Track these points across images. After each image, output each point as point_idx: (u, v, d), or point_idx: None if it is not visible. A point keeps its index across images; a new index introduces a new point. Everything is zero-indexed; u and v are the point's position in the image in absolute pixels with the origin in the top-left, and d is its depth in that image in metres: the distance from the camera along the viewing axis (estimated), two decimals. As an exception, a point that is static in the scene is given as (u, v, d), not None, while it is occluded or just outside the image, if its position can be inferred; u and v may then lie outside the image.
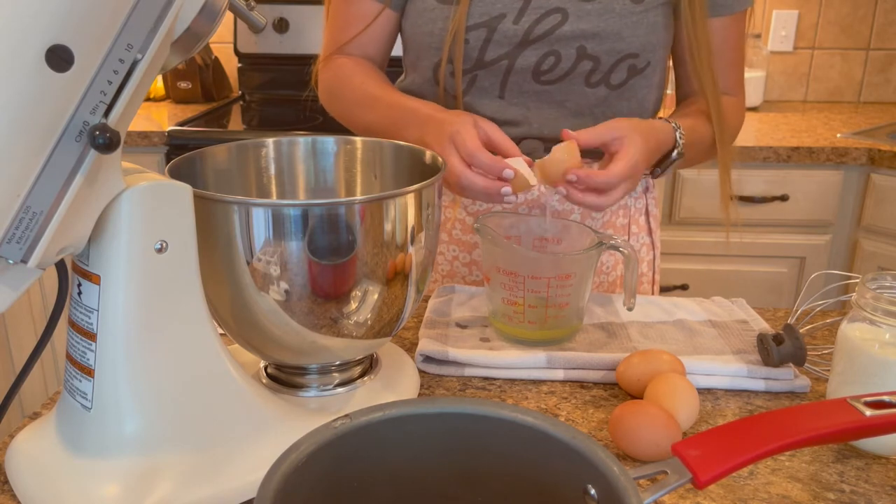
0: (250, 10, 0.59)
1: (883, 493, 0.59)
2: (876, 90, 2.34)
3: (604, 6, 0.88)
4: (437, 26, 0.91)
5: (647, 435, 0.60)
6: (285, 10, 2.18)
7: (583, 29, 0.88)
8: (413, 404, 0.46)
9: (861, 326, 0.65)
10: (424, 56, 0.94)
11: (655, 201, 1.07)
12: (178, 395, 0.55)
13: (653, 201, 1.06)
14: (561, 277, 0.76)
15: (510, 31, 0.89)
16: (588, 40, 0.88)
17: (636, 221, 1.04)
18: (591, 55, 0.89)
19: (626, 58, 0.90)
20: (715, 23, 0.92)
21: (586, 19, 0.88)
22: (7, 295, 0.48)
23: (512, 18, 0.89)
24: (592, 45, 0.89)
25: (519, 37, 0.89)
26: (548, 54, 0.90)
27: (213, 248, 0.58)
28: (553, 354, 0.75)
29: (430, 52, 0.93)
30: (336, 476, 0.44)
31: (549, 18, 0.88)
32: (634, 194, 1.03)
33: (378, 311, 0.62)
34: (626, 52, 0.89)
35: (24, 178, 0.44)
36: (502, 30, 0.89)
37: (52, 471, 0.55)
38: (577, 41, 0.89)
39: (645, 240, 1.05)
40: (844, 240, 1.88)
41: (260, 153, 0.74)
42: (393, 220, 0.59)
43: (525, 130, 0.94)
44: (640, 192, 1.04)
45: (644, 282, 1.06)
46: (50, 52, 0.43)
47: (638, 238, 1.04)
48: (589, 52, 0.89)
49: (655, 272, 1.08)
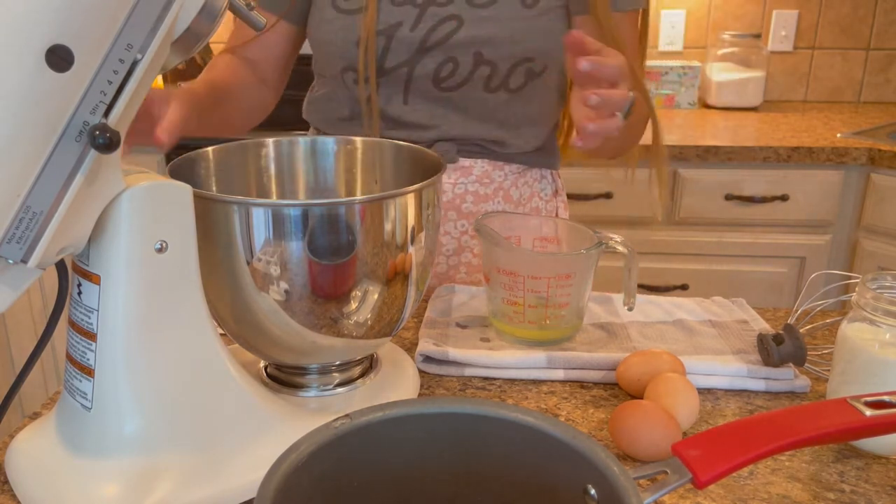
0: (250, 10, 0.59)
1: (883, 493, 0.59)
2: (876, 90, 2.34)
3: (496, 12, 0.89)
4: (339, 36, 0.92)
5: (647, 435, 0.60)
6: (285, 10, 2.18)
7: (477, 35, 0.89)
8: (413, 404, 0.46)
9: (861, 326, 0.65)
10: (329, 64, 0.96)
11: (565, 204, 1.09)
12: (178, 395, 0.55)
13: (562, 204, 1.08)
14: (561, 277, 0.76)
15: (407, 38, 0.90)
16: (483, 46, 0.89)
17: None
18: (488, 60, 0.90)
19: (522, 62, 0.91)
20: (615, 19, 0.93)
21: (480, 25, 0.89)
22: (7, 295, 0.48)
23: (409, 26, 0.90)
24: (488, 50, 0.89)
25: (416, 44, 0.90)
26: (446, 61, 0.91)
27: (213, 248, 0.58)
28: (553, 354, 0.75)
29: (334, 60, 0.94)
30: (336, 476, 0.44)
31: (444, 25, 0.89)
32: (545, 196, 1.04)
33: (378, 311, 0.62)
34: (521, 57, 0.90)
35: (24, 178, 0.44)
36: (399, 37, 0.90)
37: (52, 471, 0.55)
38: (473, 47, 0.90)
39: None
40: (844, 240, 1.88)
41: (260, 153, 0.74)
42: (393, 220, 0.59)
43: (435, 134, 0.95)
44: (550, 194, 1.05)
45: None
46: (50, 52, 0.43)
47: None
48: (485, 57, 0.90)
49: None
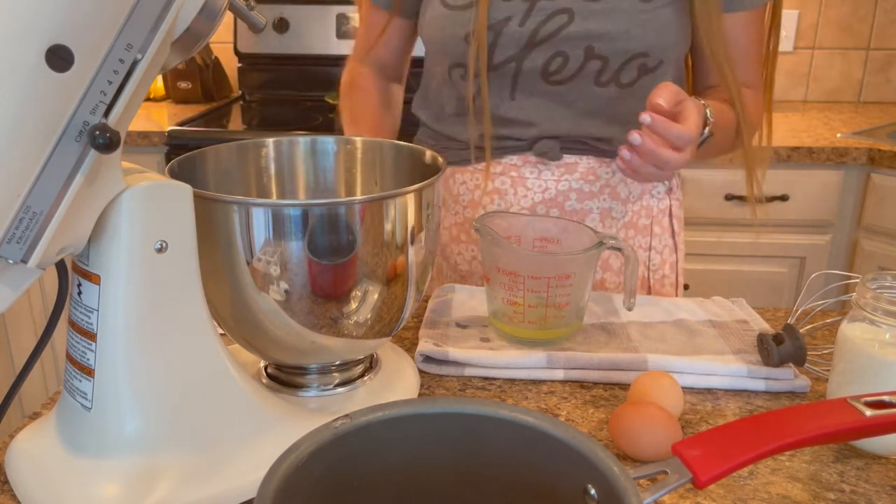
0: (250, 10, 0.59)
1: (883, 493, 0.59)
2: (876, 90, 2.34)
3: (611, 5, 0.88)
4: (447, 32, 0.92)
5: (647, 435, 0.60)
6: (285, 10, 2.18)
7: (589, 29, 0.88)
8: (413, 404, 0.46)
9: (861, 326, 0.65)
10: (438, 60, 0.97)
11: (679, 203, 1.06)
12: (178, 395, 0.55)
13: (676, 203, 1.05)
14: (561, 277, 0.76)
15: (516, 33, 0.89)
16: (595, 40, 0.88)
17: (659, 223, 1.02)
18: (599, 55, 0.89)
19: (636, 57, 0.89)
20: (731, 18, 0.92)
21: (593, 19, 0.88)
22: (7, 295, 0.48)
23: (518, 20, 0.89)
24: (600, 45, 0.88)
25: (525, 38, 0.89)
26: (555, 55, 0.90)
27: (213, 248, 0.58)
28: (553, 354, 0.75)
29: (442, 57, 0.95)
30: (336, 476, 0.44)
31: (555, 19, 0.88)
32: (658, 194, 1.02)
33: (378, 311, 0.62)
34: (635, 52, 0.89)
35: (24, 178, 0.44)
36: (508, 32, 0.89)
37: (52, 471, 0.55)
38: (585, 41, 0.88)
39: (668, 242, 1.03)
40: (844, 240, 1.88)
41: (260, 153, 0.74)
42: (393, 220, 0.59)
43: (539, 131, 0.94)
44: (663, 192, 1.02)
45: (666, 284, 1.04)
46: (50, 52, 0.43)
47: (660, 239, 1.02)
48: (597, 52, 0.89)
49: (679, 275, 1.06)
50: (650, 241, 1.02)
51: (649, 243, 1.02)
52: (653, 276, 1.03)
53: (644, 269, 1.02)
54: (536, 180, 0.96)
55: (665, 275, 1.04)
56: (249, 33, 2.21)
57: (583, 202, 0.96)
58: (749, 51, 0.95)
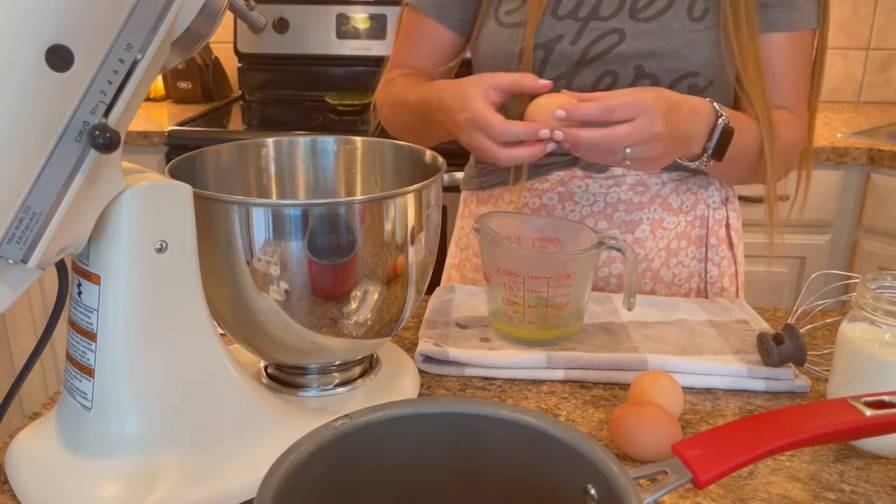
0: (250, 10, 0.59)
1: (883, 493, 0.59)
2: (876, 90, 2.34)
3: (662, 25, 0.87)
4: (499, 49, 0.91)
5: (648, 435, 0.60)
6: (285, 10, 2.18)
7: (640, 48, 0.87)
8: (413, 404, 0.46)
9: (861, 326, 0.65)
10: None
11: (737, 214, 1.03)
12: (178, 395, 0.55)
13: (734, 214, 1.02)
14: (561, 277, 0.76)
15: (567, 51, 0.89)
16: (645, 59, 0.87)
17: (715, 233, 1.00)
18: (650, 74, 0.88)
19: (686, 76, 0.88)
20: (769, 38, 0.89)
21: (643, 38, 0.87)
22: (7, 295, 0.48)
23: (570, 39, 0.89)
24: (650, 63, 0.88)
25: (576, 57, 0.89)
26: (605, 74, 0.89)
27: (213, 248, 0.58)
28: (553, 354, 0.75)
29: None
30: (336, 476, 0.44)
31: (606, 39, 0.88)
32: (713, 205, 0.98)
33: (378, 311, 0.62)
34: (685, 71, 0.88)
35: (24, 178, 0.44)
36: (559, 50, 0.89)
37: (52, 471, 0.55)
38: (635, 60, 0.88)
39: (725, 253, 1.01)
40: (844, 240, 1.88)
41: (260, 153, 0.74)
42: (393, 220, 0.59)
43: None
44: (719, 202, 0.99)
45: (726, 297, 1.01)
46: (50, 52, 0.43)
47: (717, 251, 1.00)
48: (647, 71, 0.88)
49: (739, 288, 1.04)
50: (706, 252, 0.99)
51: (704, 254, 0.99)
52: (711, 288, 1.00)
53: (700, 280, 1.00)
54: (584, 194, 0.95)
55: (724, 287, 1.01)
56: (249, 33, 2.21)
57: (632, 213, 0.95)
58: (786, 74, 0.91)
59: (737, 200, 1.04)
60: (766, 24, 0.89)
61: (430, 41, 0.99)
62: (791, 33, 0.90)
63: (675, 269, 0.98)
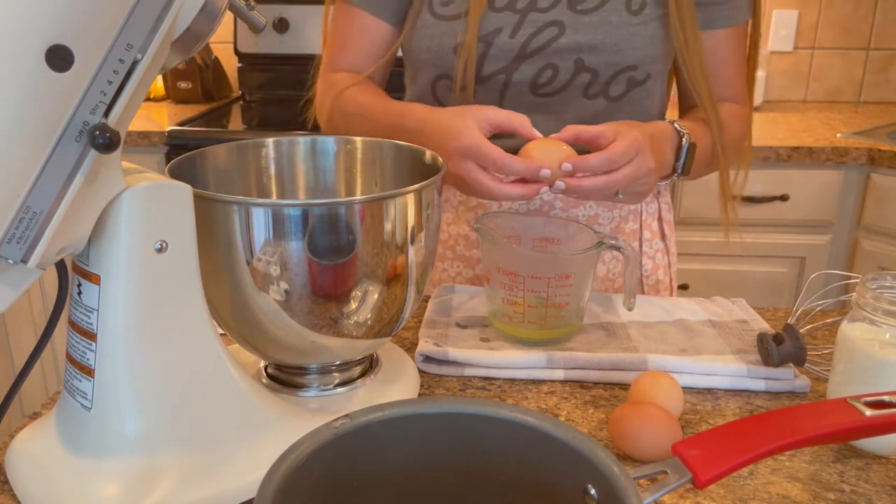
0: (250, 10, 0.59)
1: (883, 492, 0.59)
2: (876, 90, 2.34)
3: (601, 18, 0.87)
4: (434, 42, 0.90)
5: (648, 435, 0.60)
6: (285, 10, 2.18)
7: (580, 41, 0.88)
8: (413, 404, 0.46)
9: (861, 326, 0.65)
10: (422, 72, 0.94)
11: (668, 206, 1.05)
12: (178, 395, 0.55)
13: (665, 206, 1.04)
14: (561, 277, 0.76)
15: (507, 45, 0.88)
16: (585, 52, 0.88)
17: (648, 227, 1.02)
18: (589, 67, 0.89)
19: (625, 70, 0.89)
20: (713, 35, 0.92)
21: (583, 31, 0.88)
22: (7, 295, 0.48)
23: (508, 32, 0.88)
24: (590, 57, 0.88)
25: (515, 50, 0.89)
26: (545, 67, 0.89)
27: (213, 248, 0.58)
28: (553, 354, 0.75)
29: (428, 68, 0.93)
30: (336, 476, 0.44)
31: (545, 31, 0.88)
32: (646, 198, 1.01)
33: (378, 311, 0.62)
34: (624, 65, 0.89)
35: (24, 178, 0.44)
36: (499, 44, 0.89)
37: (52, 471, 0.55)
38: (575, 54, 0.88)
39: (659, 245, 1.03)
40: (844, 240, 1.88)
41: (260, 153, 0.74)
42: (393, 220, 0.59)
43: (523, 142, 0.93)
44: (651, 196, 1.02)
45: (661, 289, 1.04)
46: (50, 52, 0.43)
47: (651, 244, 1.02)
48: (587, 64, 0.88)
49: (672, 279, 1.06)
50: (640, 246, 1.01)
51: (639, 248, 1.01)
52: (647, 281, 1.03)
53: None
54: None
55: (659, 279, 1.04)
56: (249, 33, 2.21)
57: (568, 211, 0.96)
58: (730, 66, 0.95)
59: (668, 193, 1.06)
60: (708, 22, 0.91)
61: (367, 36, 0.97)
62: (730, 28, 0.93)
63: (610, 265, 0.99)
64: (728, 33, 0.93)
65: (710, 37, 0.92)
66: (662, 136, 0.84)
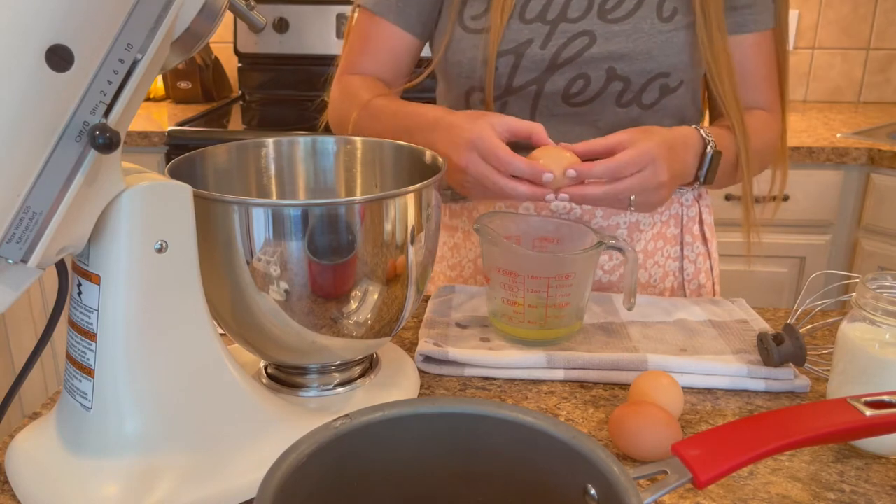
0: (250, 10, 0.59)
1: (883, 493, 0.59)
2: (876, 90, 2.34)
3: (632, 27, 0.87)
4: (466, 55, 0.91)
5: (648, 435, 0.60)
6: (285, 10, 2.18)
7: (611, 50, 0.87)
8: (413, 404, 0.46)
9: (861, 326, 0.65)
10: (455, 85, 0.94)
11: (709, 209, 1.04)
12: (178, 395, 0.55)
13: (706, 209, 1.03)
14: (561, 277, 0.76)
15: (538, 56, 0.88)
16: (617, 61, 0.88)
17: (689, 230, 1.00)
18: (621, 76, 0.88)
19: (657, 77, 0.88)
20: (741, 40, 0.91)
21: (614, 41, 0.87)
22: (7, 295, 0.48)
23: (539, 44, 0.88)
24: (622, 65, 0.88)
25: (546, 61, 0.88)
26: (577, 77, 0.89)
27: (213, 248, 0.58)
28: (553, 354, 0.75)
29: (460, 81, 0.93)
30: (336, 476, 0.44)
31: (576, 42, 0.88)
32: (686, 202, 1.00)
33: (378, 311, 0.62)
34: (656, 72, 0.88)
35: (24, 178, 0.44)
36: (530, 55, 0.88)
37: (52, 471, 0.55)
38: (606, 62, 0.88)
39: (700, 249, 1.01)
40: (844, 240, 1.88)
41: (260, 153, 0.74)
42: (393, 220, 0.59)
43: None
44: (692, 199, 1.00)
45: (703, 293, 1.02)
46: (50, 52, 0.43)
47: (692, 248, 1.01)
48: (618, 73, 0.88)
49: (715, 283, 1.04)
50: (681, 250, 1.00)
51: (680, 252, 1.00)
52: (689, 286, 1.01)
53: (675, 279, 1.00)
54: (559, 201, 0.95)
55: (701, 283, 1.02)
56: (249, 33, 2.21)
57: (609, 218, 0.95)
58: (759, 73, 0.93)
59: (708, 196, 1.05)
60: (736, 27, 0.91)
61: (388, 44, 0.97)
62: (759, 34, 0.92)
63: (652, 270, 0.99)
64: (756, 38, 0.92)
65: (739, 43, 0.91)
66: (686, 143, 0.83)
